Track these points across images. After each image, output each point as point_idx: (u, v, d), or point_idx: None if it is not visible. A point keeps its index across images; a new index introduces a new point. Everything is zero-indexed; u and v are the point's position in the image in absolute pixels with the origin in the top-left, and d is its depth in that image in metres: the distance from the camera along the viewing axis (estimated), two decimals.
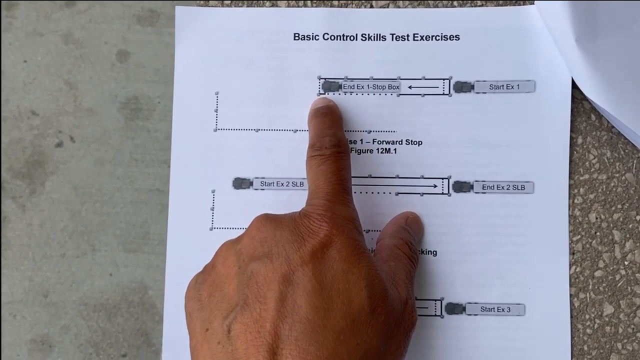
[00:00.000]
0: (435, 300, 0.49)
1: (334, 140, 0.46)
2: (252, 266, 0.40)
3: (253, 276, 0.39)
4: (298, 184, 0.51)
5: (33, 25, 0.54)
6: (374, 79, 0.51)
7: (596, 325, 0.49)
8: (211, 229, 0.51)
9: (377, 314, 0.39)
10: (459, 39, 0.51)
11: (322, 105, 0.50)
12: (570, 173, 0.50)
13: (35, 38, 0.54)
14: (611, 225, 0.50)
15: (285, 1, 0.52)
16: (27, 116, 0.53)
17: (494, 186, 0.50)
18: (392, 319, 0.40)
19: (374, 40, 0.51)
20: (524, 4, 0.51)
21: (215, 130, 0.51)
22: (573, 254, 0.49)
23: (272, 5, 0.52)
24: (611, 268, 0.49)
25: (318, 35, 0.52)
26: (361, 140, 0.51)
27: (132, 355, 0.51)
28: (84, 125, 0.53)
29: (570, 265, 0.49)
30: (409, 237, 0.48)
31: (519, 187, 0.50)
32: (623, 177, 0.50)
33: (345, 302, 0.39)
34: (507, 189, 0.50)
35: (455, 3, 0.51)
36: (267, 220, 0.42)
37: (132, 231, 0.52)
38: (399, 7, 0.52)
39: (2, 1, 0.54)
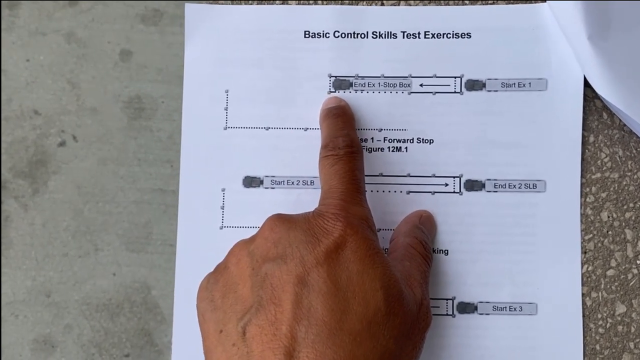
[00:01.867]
0: (447, 299, 0.49)
1: (347, 140, 0.46)
2: (266, 267, 0.40)
3: (267, 277, 0.39)
4: (308, 183, 0.51)
5: (35, 24, 0.54)
6: (385, 76, 0.51)
7: (608, 325, 0.49)
8: (221, 228, 0.51)
9: (393, 315, 0.39)
10: (470, 36, 0.51)
11: (334, 105, 0.50)
12: (582, 172, 0.50)
13: (38, 37, 0.54)
14: (623, 224, 0.50)
15: None
16: (29, 115, 0.53)
17: (505, 185, 0.50)
18: (407, 320, 0.40)
19: (385, 38, 0.51)
20: (535, 2, 0.51)
21: (225, 128, 0.51)
22: (585, 252, 0.49)
23: (283, 3, 0.52)
24: (623, 267, 0.49)
25: (329, 33, 0.51)
26: (372, 138, 0.51)
27: (135, 355, 0.51)
28: (86, 124, 0.53)
29: (582, 264, 0.49)
30: (423, 235, 0.48)
31: (531, 186, 0.50)
32: (635, 176, 0.50)
33: (361, 303, 0.39)
34: (519, 188, 0.50)
35: (466, 1, 0.51)
36: (280, 220, 0.42)
37: (135, 231, 0.52)
38: (410, 4, 0.51)
39: (4, 0, 0.53)
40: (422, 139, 0.50)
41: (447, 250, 0.50)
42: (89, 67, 0.53)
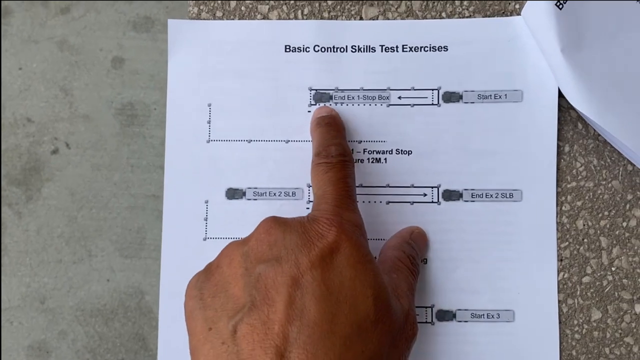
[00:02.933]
0: (426, 307, 0.50)
1: (339, 149, 0.47)
2: (260, 268, 0.40)
3: (261, 278, 0.39)
4: (290, 194, 0.51)
5: (28, 32, 0.54)
6: (364, 89, 0.52)
7: (584, 331, 0.50)
8: (205, 239, 0.51)
9: (381, 322, 0.40)
10: (447, 49, 0.51)
11: (325, 115, 0.50)
12: (557, 181, 0.50)
13: (31, 45, 0.54)
14: (598, 232, 0.50)
15: (277, 13, 0.53)
16: (22, 123, 0.53)
17: (482, 194, 0.50)
18: (394, 328, 0.41)
19: (364, 51, 0.52)
20: (511, 15, 0.51)
21: (208, 141, 0.52)
22: (561, 260, 0.50)
23: (264, 18, 0.53)
24: (599, 274, 0.50)
25: (309, 47, 0.52)
26: (352, 150, 0.51)
27: None
28: (79, 131, 0.53)
29: (559, 272, 0.50)
30: (412, 251, 0.48)
31: (508, 195, 0.50)
32: (609, 185, 0.51)
33: (352, 308, 0.39)
34: (496, 197, 0.50)
35: (443, 14, 0.52)
36: (276, 223, 0.42)
37: (128, 236, 0.52)
38: (388, 18, 0.52)
39: None
40: (401, 150, 0.51)
41: (426, 259, 0.50)
42: (81, 74, 0.54)
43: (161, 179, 0.52)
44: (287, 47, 0.52)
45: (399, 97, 0.51)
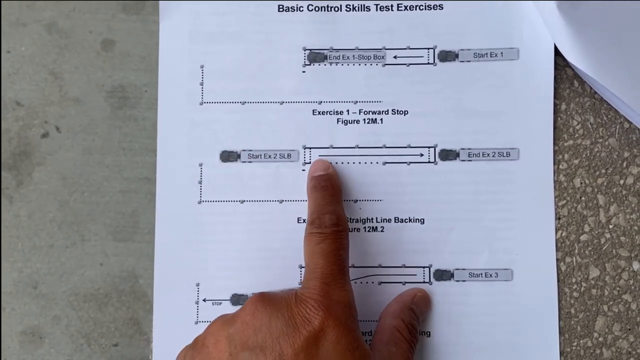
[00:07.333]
0: (424, 267, 0.50)
1: (334, 218, 0.45)
2: (243, 356, 0.39)
3: None
4: (286, 156, 0.51)
5: (16, 15, 0.53)
6: (359, 49, 0.51)
7: (582, 289, 0.50)
8: (200, 202, 0.51)
9: None
10: (442, 8, 0.51)
11: (321, 174, 0.49)
12: (554, 139, 0.50)
13: (19, 28, 0.53)
14: (595, 189, 0.50)
15: None
16: (12, 107, 0.53)
17: (479, 153, 0.50)
18: None
19: (359, 10, 0.51)
20: None
21: (202, 103, 0.51)
22: (559, 218, 0.50)
23: None
24: (596, 232, 0.50)
25: (302, 7, 0.52)
26: (347, 110, 0.51)
27: (124, 344, 0.51)
28: (70, 115, 0.53)
29: (556, 230, 0.50)
30: (412, 318, 0.47)
31: (504, 154, 0.50)
32: (606, 142, 0.50)
33: None
34: (493, 156, 0.50)
35: None
36: (263, 305, 0.41)
37: (121, 220, 0.52)
38: None
39: None
40: (397, 110, 0.51)
41: (424, 219, 0.50)
42: (71, 57, 0.53)
43: (154, 162, 0.52)
44: (280, 6, 0.52)
45: (395, 57, 0.51)
